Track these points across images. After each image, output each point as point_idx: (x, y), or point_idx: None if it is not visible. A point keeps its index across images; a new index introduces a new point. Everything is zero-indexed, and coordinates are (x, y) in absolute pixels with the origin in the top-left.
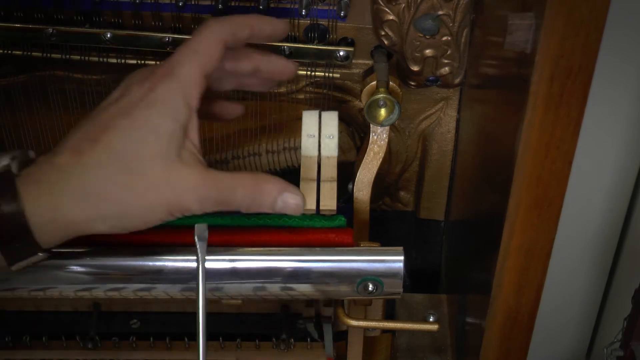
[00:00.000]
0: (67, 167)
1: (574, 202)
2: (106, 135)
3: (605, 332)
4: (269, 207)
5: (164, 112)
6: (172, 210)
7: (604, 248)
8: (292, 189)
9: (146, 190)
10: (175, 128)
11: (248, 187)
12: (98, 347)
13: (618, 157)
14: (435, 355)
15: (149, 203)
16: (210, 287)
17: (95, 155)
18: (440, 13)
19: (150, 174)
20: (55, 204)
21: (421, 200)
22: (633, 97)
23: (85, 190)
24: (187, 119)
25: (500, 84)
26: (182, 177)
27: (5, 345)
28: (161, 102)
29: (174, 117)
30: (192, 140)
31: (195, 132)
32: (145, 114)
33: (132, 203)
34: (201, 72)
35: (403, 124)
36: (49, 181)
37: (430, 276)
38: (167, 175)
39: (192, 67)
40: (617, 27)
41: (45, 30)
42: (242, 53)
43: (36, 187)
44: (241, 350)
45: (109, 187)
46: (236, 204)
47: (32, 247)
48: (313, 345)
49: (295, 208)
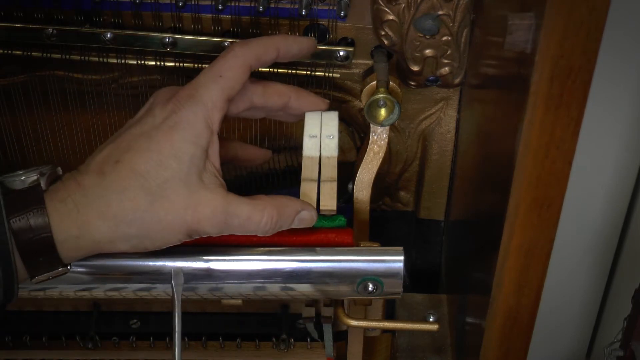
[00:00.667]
0: (91, 187)
1: (574, 202)
2: (128, 157)
3: (605, 332)
4: (285, 228)
5: (186, 136)
6: (191, 233)
7: (604, 248)
8: (307, 205)
9: (167, 213)
10: (197, 152)
11: (266, 214)
12: (98, 347)
13: (618, 157)
14: (435, 355)
15: (170, 226)
16: (210, 287)
17: (118, 177)
18: (440, 13)
19: (171, 198)
20: (80, 223)
21: (421, 200)
22: (633, 97)
23: (108, 212)
24: (209, 142)
25: (500, 84)
26: (202, 201)
27: (5, 345)
28: (183, 126)
29: (196, 141)
30: (214, 163)
31: (216, 155)
32: (167, 137)
33: (153, 226)
34: (224, 96)
35: (403, 124)
36: (74, 200)
37: (430, 276)
38: (188, 200)
39: (215, 90)
40: (617, 27)
41: (45, 30)
42: (272, 89)
43: (62, 205)
44: (241, 350)
45: (130, 210)
46: (254, 230)
47: (55, 261)
48: (313, 345)
49: (310, 222)
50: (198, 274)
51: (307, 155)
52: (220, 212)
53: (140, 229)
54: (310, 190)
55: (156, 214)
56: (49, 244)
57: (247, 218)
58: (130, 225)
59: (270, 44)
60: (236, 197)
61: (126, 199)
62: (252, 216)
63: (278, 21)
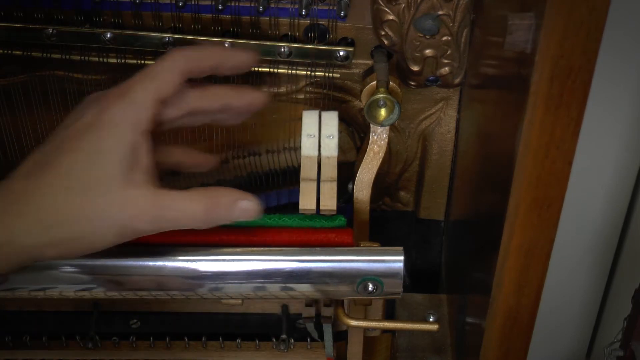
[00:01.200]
0: (20, 191)
1: (574, 202)
2: (58, 159)
3: (605, 332)
4: (225, 219)
5: (114, 135)
6: (123, 232)
7: (604, 248)
8: (246, 195)
9: (95, 214)
10: (125, 151)
11: (202, 204)
12: (98, 347)
13: (618, 157)
14: (435, 355)
15: (101, 226)
16: (210, 287)
17: (47, 179)
18: (440, 13)
19: (99, 198)
20: (8, 228)
21: (421, 200)
22: (633, 97)
23: (37, 215)
24: (138, 141)
25: (500, 84)
26: (131, 199)
27: (5, 345)
28: (111, 125)
29: (124, 140)
30: (144, 161)
31: (146, 154)
32: (95, 136)
33: (84, 227)
34: (154, 96)
35: (403, 124)
36: (3, 207)
37: (430, 276)
38: (116, 198)
39: (144, 90)
40: (617, 27)
41: (45, 30)
42: (209, 91)
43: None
44: (241, 350)
45: (59, 212)
46: (191, 222)
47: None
48: (313, 345)
49: (253, 213)
50: (198, 274)
51: (306, 154)
52: (151, 207)
53: (71, 231)
54: (310, 190)
55: (85, 215)
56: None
57: (181, 210)
58: (61, 228)
59: (208, 53)
60: (169, 191)
61: (55, 201)
62: (186, 208)
63: (278, 21)
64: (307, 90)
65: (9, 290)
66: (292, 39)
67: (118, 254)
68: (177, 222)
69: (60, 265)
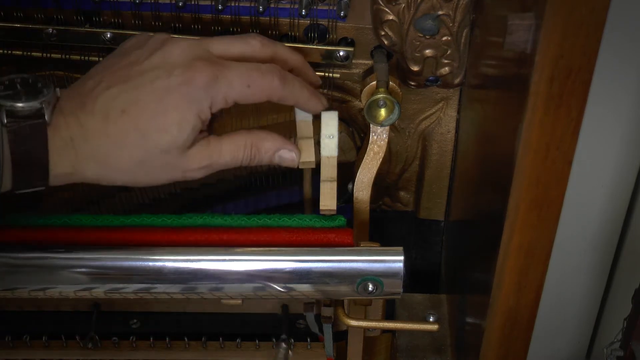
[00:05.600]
0: (93, 133)
1: (574, 202)
2: (135, 111)
3: (605, 332)
4: (267, 162)
5: (194, 109)
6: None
7: (604, 248)
8: (289, 145)
9: (156, 171)
10: (198, 124)
11: (248, 148)
12: (98, 347)
13: (618, 157)
14: (435, 355)
15: (156, 181)
16: (210, 287)
17: (121, 130)
18: (440, 13)
19: (164, 159)
20: (76, 163)
21: (421, 200)
22: (633, 97)
23: (105, 160)
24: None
25: (500, 84)
26: (190, 158)
27: (5, 345)
28: (195, 99)
29: (201, 116)
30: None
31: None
32: (176, 103)
33: (141, 179)
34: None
35: (403, 124)
36: (74, 142)
37: (430, 276)
38: (178, 159)
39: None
40: (617, 27)
41: (45, 30)
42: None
43: (63, 145)
44: (241, 350)
45: (125, 163)
46: (237, 164)
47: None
48: (313, 345)
49: (291, 162)
50: (198, 274)
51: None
52: (205, 159)
53: (129, 179)
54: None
55: (147, 170)
56: (44, 176)
57: (230, 158)
58: (121, 174)
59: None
60: (217, 139)
61: (124, 153)
62: (235, 155)
63: (278, 21)
64: None
65: (8, 290)
66: (292, 39)
67: (118, 254)
68: (224, 167)
69: (60, 266)
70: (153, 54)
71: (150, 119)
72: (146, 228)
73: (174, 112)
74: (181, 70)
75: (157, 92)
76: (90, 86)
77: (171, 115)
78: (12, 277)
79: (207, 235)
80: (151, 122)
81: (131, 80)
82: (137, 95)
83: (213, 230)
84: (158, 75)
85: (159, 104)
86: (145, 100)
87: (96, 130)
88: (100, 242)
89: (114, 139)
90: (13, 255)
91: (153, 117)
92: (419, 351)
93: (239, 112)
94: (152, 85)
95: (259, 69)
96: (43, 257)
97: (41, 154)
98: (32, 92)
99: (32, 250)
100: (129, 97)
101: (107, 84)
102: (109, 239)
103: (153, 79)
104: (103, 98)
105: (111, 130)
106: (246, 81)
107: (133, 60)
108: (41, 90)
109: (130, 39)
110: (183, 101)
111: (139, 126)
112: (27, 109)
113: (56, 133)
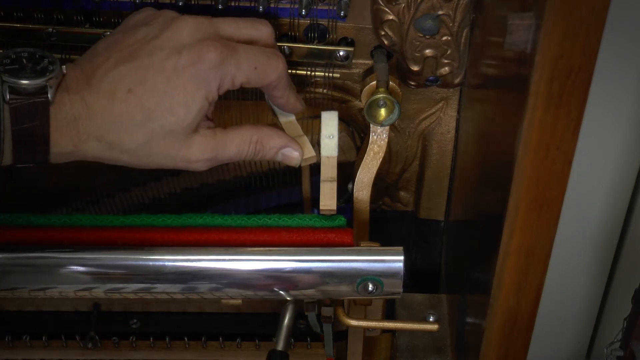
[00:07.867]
0: (98, 112)
1: (574, 202)
2: (141, 91)
3: (605, 332)
4: (269, 158)
5: (202, 91)
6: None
7: (604, 248)
8: (292, 144)
9: (159, 153)
10: (204, 106)
11: (253, 143)
12: (98, 347)
13: (618, 157)
14: (435, 355)
15: (158, 164)
16: (210, 287)
17: (127, 109)
18: (440, 13)
19: (168, 141)
20: (78, 142)
21: (421, 200)
22: (633, 97)
23: (108, 138)
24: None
25: (500, 84)
26: (194, 145)
27: (5, 345)
28: (203, 81)
29: (208, 97)
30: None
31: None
32: (184, 84)
33: (143, 160)
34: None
35: (403, 124)
36: (77, 121)
37: (430, 276)
38: (182, 144)
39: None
40: (617, 27)
41: (45, 30)
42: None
43: (66, 123)
44: (241, 350)
45: (128, 142)
46: (241, 158)
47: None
48: (313, 345)
49: (294, 161)
50: (198, 274)
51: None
52: (210, 151)
53: (131, 159)
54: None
55: (150, 152)
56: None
57: (233, 148)
58: (124, 154)
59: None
60: (223, 132)
61: (128, 132)
62: (240, 149)
63: (278, 21)
64: (307, 90)
65: (8, 290)
66: (292, 38)
67: (118, 254)
68: (229, 160)
69: (60, 265)
70: (161, 33)
71: (157, 99)
72: (146, 228)
73: (182, 92)
74: (190, 50)
75: (165, 73)
76: (96, 64)
77: (178, 96)
78: (12, 277)
79: (207, 235)
80: (158, 102)
81: (139, 59)
82: (144, 74)
83: (213, 230)
84: (167, 55)
85: (167, 85)
86: (154, 81)
87: (101, 109)
88: (100, 242)
89: (119, 118)
90: (13, 255)
91: (160, 97)
92: (419, 351)
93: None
94: (160, 65)
95: (265, 52)
96: (43, 257)
97: (43, 132)
98: (38, 68)
99: (32, 250)
100: (137, 76)
101: (114, 63)
102: (109, 239)
103: (162, 58)
104: (110, 77)
105: (117, 109)
106: (254, 63)
107: (140, 38)
108: (47, 67)
109: (135, 15)
110: (191, 82)
111: (145, 106)
112: (32, 86)
113: (59, 111)
